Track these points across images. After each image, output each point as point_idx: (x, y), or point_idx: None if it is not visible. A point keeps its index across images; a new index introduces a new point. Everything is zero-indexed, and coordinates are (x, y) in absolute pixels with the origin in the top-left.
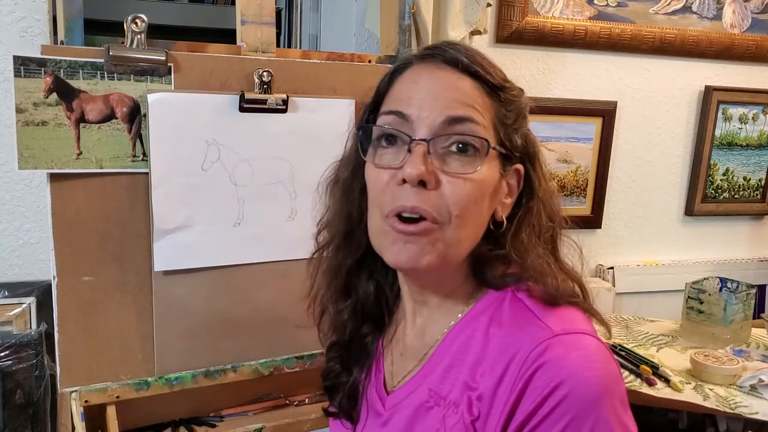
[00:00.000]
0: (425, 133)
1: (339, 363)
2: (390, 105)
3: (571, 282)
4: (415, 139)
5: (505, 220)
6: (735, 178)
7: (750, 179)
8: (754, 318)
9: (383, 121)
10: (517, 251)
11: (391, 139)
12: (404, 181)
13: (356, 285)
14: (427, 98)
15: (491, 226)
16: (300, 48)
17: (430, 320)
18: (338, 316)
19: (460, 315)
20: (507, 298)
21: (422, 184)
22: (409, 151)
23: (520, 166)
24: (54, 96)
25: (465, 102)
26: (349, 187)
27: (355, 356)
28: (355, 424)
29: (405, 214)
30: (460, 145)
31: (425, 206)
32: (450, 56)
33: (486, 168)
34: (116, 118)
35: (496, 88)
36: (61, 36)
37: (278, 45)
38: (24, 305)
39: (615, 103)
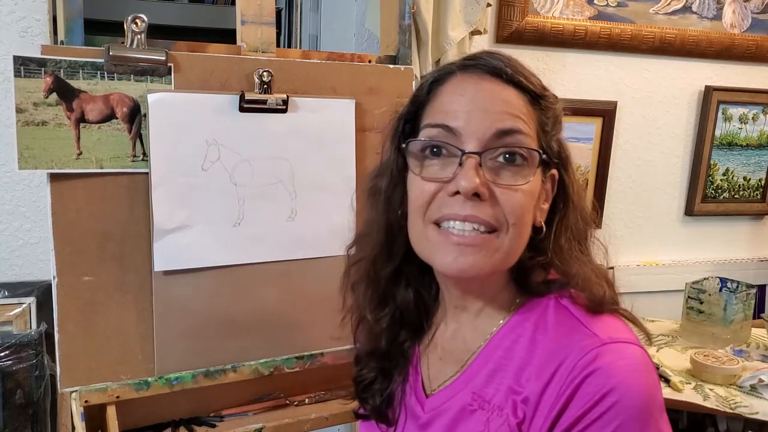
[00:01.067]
0: (475, 146)
1: (377, 371)
2: (435, 117)
3: (608, 287)
4: (466, 152)
5: (544, 226)
6: (735, 178)
7: (750, 179)
8: (754, 318)
9: (428, 134)
10: (560, 258)
11: (437, 151)
12: (456, 192)
13: (394, 293)
14: (474, 111)
15: (531, 232)
16: (300, 48)
17: (470, 326)
18: (377, 325)
19: (502, 321)
20: (551, 305)
21: (476, 196)
22: (461, 164)
23: (555, 171)
24: (54, 96)
25: (512, 114)
26: (389, 198)
27: (394, 363)
28: (392, 426)
29: (456, 226)
30: (510, 156)
31: (481, 215)
32: (494, 66)
33: (534, 178)
34: (116, 118)
35: (537, 96)
36: (61, 36)
37: (278, 45)
38: (24, 305)
39: (615, 103)
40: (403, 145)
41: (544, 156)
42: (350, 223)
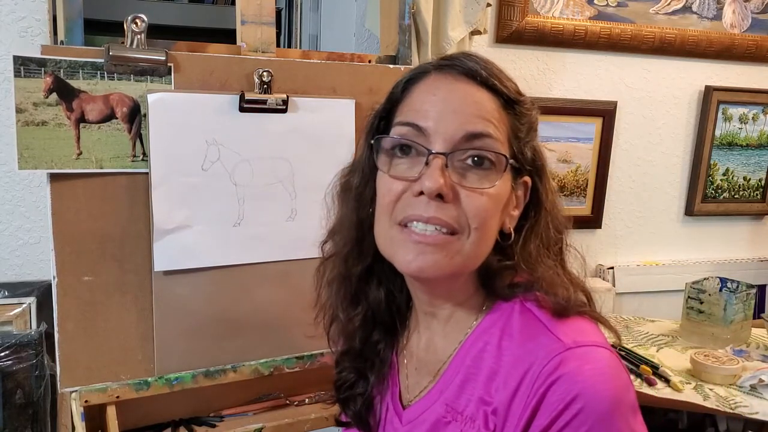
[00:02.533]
0: (443, 147)
1: (353, 372)
2: (406, 116)
3: (579, 292)
4: (433, 152)
5: (513, 232)
6: (735, 178)
7: (750, 179)
8: (754, 318)
9: (398, 132)
10: (526, 262)
11: (406, 149)
12: (421, 193)
13: (366, 292)
14: (445, 111)
15: (498, 238)
16: (300, 48)
17: (441, 333)
18: (349, 323)
19: (470, 328)
20: (516, 309)
21: (440, 197)
22: (427, 163)
23: (527, 179)
24: (54, 96)
25: (483, 117)
26: (361, 195)
27: (369, 363)
28: None
29: (419, 226)
30: (478, 159)
31: (444, 217)
32: (468, 68)
33: (501, 183)
34: (116, 118)
35: (511, 101)
36: (61, 36)
37: (278, 45)
38: (24, 305)
39: (615, 103)
40: (372, 142)
41: (512, 162)
42: (322, 219)
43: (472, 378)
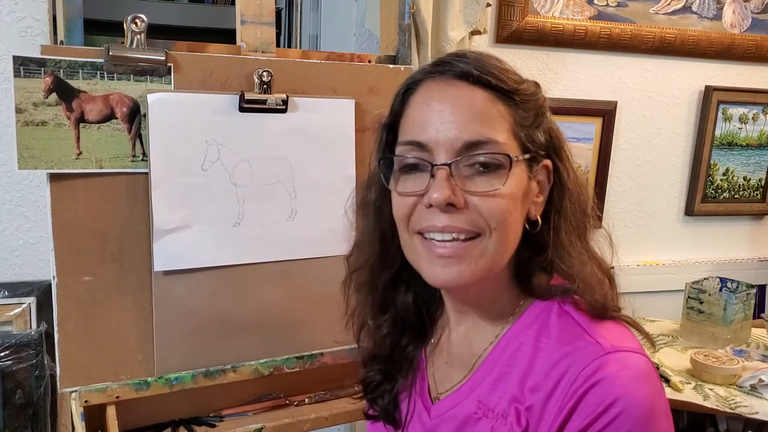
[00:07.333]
0: (445, 157)
1: (381, 374)
2: (407, 133)
3: (610, 287)
4: (436, 165)
5: (540, 219)
6: (735, 178)
7: (750, 179)
8: (754, 318)
9: (402, 150)
10: (560, 257)
11: (412, 165)
12: (431, 205)
13: (394, 298)
14: (441, 122)
15: (527, 226)
16: (300, 48)
17: (475, 329)
18: (378, 330)
19: (506, 325)
20: (554, 310)
21: (451, 205)
22: (432, 176)
23: (548, 162)
24: (54, 96)
25: (480, 119)
26: (379, 208)
27: (398, 366)
28: (399, 428)
29: (436, 236)
30: (482, 164)
31: (457, 224)
32: (460, 70)
33: (513, 179)
34: (116, 118)
35: (510, 92)
36: (60, 36)
37: (278, 45)
38: (24, 305)
39: (615, 103)
40: (378, 162)
41: (519, 157)
42: (347, 229)
43: (506, 376)
